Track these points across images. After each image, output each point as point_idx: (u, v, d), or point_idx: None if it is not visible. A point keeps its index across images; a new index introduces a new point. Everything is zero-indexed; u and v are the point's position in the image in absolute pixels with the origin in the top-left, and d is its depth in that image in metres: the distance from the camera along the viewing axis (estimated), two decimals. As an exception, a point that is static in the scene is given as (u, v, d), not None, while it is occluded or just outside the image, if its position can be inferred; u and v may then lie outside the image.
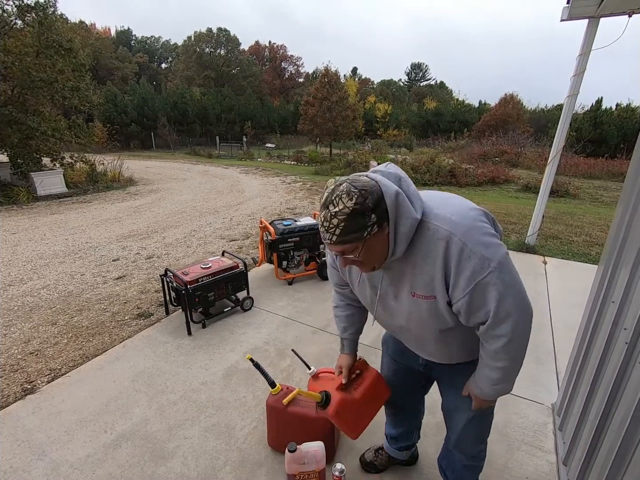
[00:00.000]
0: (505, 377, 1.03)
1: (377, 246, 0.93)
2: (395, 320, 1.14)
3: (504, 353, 0.98)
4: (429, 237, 0.93)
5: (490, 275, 0.89)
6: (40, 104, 8.95)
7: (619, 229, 1.52)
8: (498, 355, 0.99)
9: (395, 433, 1.63)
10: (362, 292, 1.18)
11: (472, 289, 0.90)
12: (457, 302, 0.94)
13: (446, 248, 0.90)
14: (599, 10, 3.47)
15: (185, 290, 2.70)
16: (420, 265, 0.96)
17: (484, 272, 0.89)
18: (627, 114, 20.67)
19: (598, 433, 1.34)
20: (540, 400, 2.14)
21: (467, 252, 0.89)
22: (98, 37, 35.93)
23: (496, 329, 0.95)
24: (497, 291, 0.90)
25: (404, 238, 0.92)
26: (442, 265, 0.92)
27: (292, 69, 48.57)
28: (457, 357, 1.19)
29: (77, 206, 7.84)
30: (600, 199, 9.70)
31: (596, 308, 1.64)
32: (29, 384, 2.30)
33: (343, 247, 0.91)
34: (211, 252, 4.72)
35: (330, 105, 19.06)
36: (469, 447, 1.34)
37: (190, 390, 2.23)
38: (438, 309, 0.99)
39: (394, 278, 1.04)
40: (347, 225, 0.86)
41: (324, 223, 0.89)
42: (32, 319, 3.10)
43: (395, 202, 0.89)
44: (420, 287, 0.99)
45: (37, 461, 1.75)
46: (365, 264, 0.98)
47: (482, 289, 0.90)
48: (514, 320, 0.92)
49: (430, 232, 0.93)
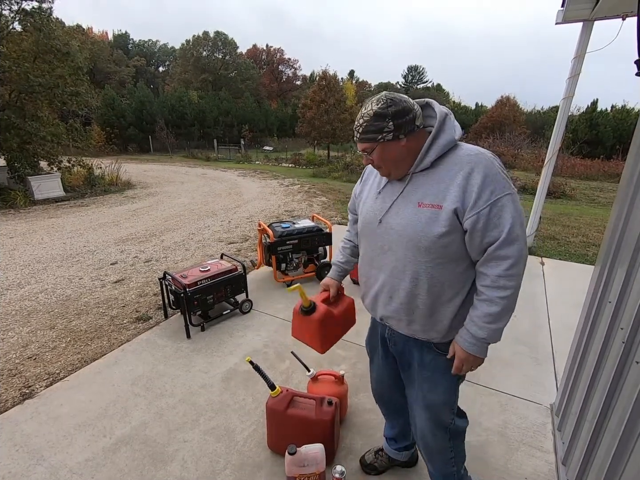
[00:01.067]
0: (502, 313, 1.05)
1: (390, 153, 1.07)
2: (386, 237, 1.15)
3: (507, 278, 1.02)
4: (459, 154, 1.05)
5: (507, 197, 1.00)
6: (38, 108, 8.95)
7: (615, 229, 1.53)
8: (500, 282, 1.02)
9: (393, 434, 1.65)
10: (369, 207, 1.23)
11: (492, 203, 0.99)
12: (478, 212, 0.99)
13: (474, 164, 1.01)
14: (593, 14, 3.51)
15: (184, 294, 2.70)
16: (441, 176, 1.05)
17: (503, 192, 1.00)
18: (622, 116, 20.87)
19: (596, 433, 1.35)
20: (538, 400, 2.15)
21: (493, 173, 1.01)
22: (94, 40, 35.93)
23: (505, 248, 1.00)
24: (510, 213, 1.00)
25: (437, 150, 1.05)
26: (465, 176, 1.01)
27: (290, 72, 48.76)
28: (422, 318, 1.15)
29: (74, 210, 7.83)
30: (596, 199, 9.76)
31: (593, 308, 1.65)
32: (27, 388, 2.28)
33: (364, 145, 1.08)
34: (210, 255, 4.72)
35: (328, 108, 19.13)
36: (434, 454, 1.35)
37: (190, 393, 2.22)
38: (437, 218, 1.03)
39: (409, 191, 1.11)
40: (367, 125, 1.03)
41: (355, 123, 1.08)
42: (30, 323, 3.09)
43: (443, 119, 1.07)
44: (431, 195, 1.05)
45: (35, 466, 1.74)
46: (382, 167, 1.12)
47: (500, 208, 0.99)
48: (520, 244, 1.01)
49: (462, 151, 1.06)
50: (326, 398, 1.72)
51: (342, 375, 1.96)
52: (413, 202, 1.08)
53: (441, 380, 1.23)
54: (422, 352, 1.23)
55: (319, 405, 1.68)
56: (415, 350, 1.25)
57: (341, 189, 10.11)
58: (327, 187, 10.46)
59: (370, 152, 1.08)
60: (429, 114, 1.12)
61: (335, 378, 1.96)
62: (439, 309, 1.13)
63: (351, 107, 21.27)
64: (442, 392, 1.23)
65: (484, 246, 1.03)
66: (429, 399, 1.25)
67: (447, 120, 1.07)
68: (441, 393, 1.23)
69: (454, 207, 1.01)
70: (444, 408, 1.26)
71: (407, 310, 1.16)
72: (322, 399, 1.71)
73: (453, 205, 1.01)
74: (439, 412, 1.26)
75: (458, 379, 1.25)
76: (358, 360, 2.51)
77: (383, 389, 1.54)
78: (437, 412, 1.26)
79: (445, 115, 1.07)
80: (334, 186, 10.79)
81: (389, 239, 1.14)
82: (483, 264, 1.06)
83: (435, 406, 1.25)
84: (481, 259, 1.06)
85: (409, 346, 1.27)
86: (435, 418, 1.27)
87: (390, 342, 1.34)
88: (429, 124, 1.11)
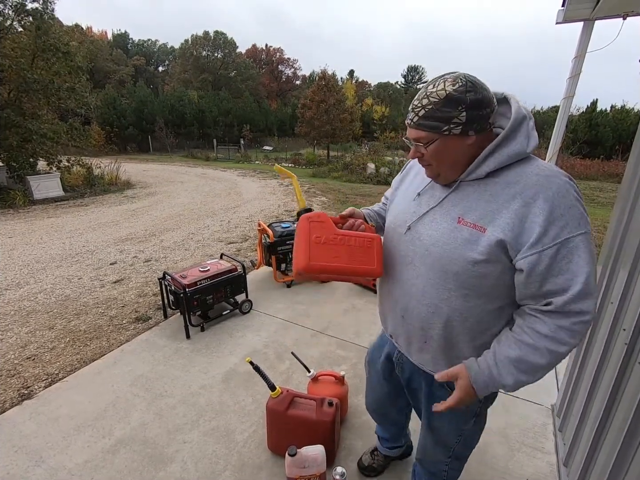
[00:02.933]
0: (541, 369, 0.84)
1: (450, 151, 0.85)
2: (410, 248, 0.98)
3: (570, 333, 0.80)
4: (526, 171, 0.83)
5: (582, 237, 0.78)
6: (36, 107, 8.93)
7: (617, 229, 1.53)
8: (561, 334, 0.80)
9: (385, 436, 1.66)
10: (402, 208, 1.05)
11: (561, 243, 0.77)
12: (541, 252, 0.78)
13: (542, 189, 0.79)
14: (594, 13, 3.49)
15: (184, 294, 2.69)
16: (494, 193, 0.84)
17: (577, 231, 0.78)
18: (622, 116, 20.86)
19: (598, 434, 1.34)
20: (540, 401, 2.14)
21: (566, 205, 0.78)
22: (94, 40, 35.89)
23: (579, 303, 0.78)
24: (585, 259, 0.77)
25: (499, 159, 0.84)
26: (526, 202, 0.79)
27: (290, 71, 48.77)
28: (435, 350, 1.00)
29: (74, 210, 7.81)
30: (596, 199, 9.75)
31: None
32: (26, 389, 2.27)
33: (419, 133, 0.85)
34: (209, 255, 4.71)
35: (328, 108, 19.12)
36: (427, 462, 1.29)
37: (189, 394, 2.21)
38: (477, 242, 0.84)
39: (452, 201, 0.91)
40: (434, 108, 0.80)
41: (414, 102, 0.84)
42: (29, 324, 3.08)
43: (520, 122, 0.85)
44: (476, 214, 0.85)
45: (34, 467, 1.73)
46: (432, 166, 0.90)
47: (570, 250, 0.77)
48: (595, 299, 0.80)
49: (531, 168, 0.83)
50: (326, 399, 1.71)
51: (342, 376, 1.96)
52: (452, 216, 0.89)
53: (451, 413, 1.01)
54: (430, 386, 1.09)
55: (320, 406, 1.67)
56: (424, 383, 1.11)
57: (341, 189, 10.11)
58: (326, 187, 10.46)
59: (426, 144, 0.85)
60: (501, 112, 0.91)
61: (335, 379, 1.95)
62: (456, 345, 0.96)
63: (351, 107, 21.27)
64: (449, 421, 1.11)
65: (543, 293, 0.82)
66: (434, 426, 1.16)
67: (523, 125, 0.85)
68: (447, 422, 1.12)
69: (500, 237, 0.81)
70: (450, 434, 1.15)
71: (419, 337, 1.01)
72: (323, 399, 1.71)
73: (500, 234, 0.81)
74: (444, 436, 1.16)
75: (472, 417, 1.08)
76: (358, 360, 2.50)
77: (377, 403, 1.51)
78: (442, 435, 1.16)
79: (523, 118, 0.86)
80: (333, 186, 10.79)
81: (414, 251, 0.96)
82: (542, 313, 0.84)
83: (441, 432, 1.15)
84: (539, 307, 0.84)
85: (417, 376, 1.14)
86: (438, 439, 1.18)
87: (397, 367, 1.22)
88: (500, 124, 0.90)
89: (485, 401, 1.08)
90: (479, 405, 1.08)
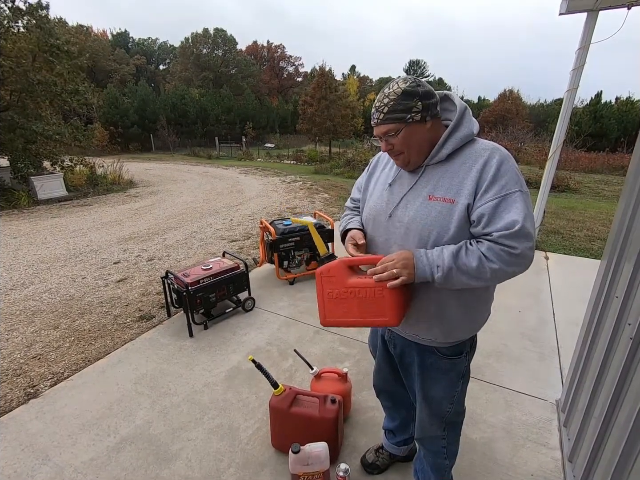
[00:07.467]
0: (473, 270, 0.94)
1: (415, 137, 1.02)
2: (392, 231, 1.10)
3: (498, 256, 0.92)
4: (475, 148, 1.03)
5: (519, 194, 0.95)
6: (39, 107, 8.96)
7: (622, 223, 1.51)
8: (491, 254, 0.93)
9: (392, 426, 1.65)
10: (377, 199, 1.18)
11: (503, 196, 0.95)
12: (486, 203, 0.95)
13: (489, 157, 0.99)
14: (598, 3, 3.44)
15: (187, 292, 2.70)
16: (455, 169, 1.02)
17: (515, 187, 0.96)
18: (626, 108, 20.63)
19: (604, 429, 1.33)
20: (544, 396, 2.13)
21: (506, 166, 0.98)
22: (95, 39, 35.90)
23: (510, 240, 0.91)
24: (522, 209, 0.94)
25: (454, 142, 1.03)
26: (479, 170, 0.98)
27: (291, 68, 48.53)
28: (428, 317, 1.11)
29: (77, 209, 7.85)
30: (601, 193, 9.67)
31: (599, 303, 1.63)
32: (32, 388, 2.30)
33: (387, 127, 1.01)
34: (212, 253, 4.72)
35: (328, 104, 19.05)
36: (426, 441, 1.35)
37: (193, 392, 2.22)
38: (450, 213, 0.99)
39: (421, 184, 1.07)
40: (395, 104, 0.98)
41: (376, 104, 1.02)
42: (34, 323, 3.10)
43: (463, 112, 1.06)
44: (443, 189, 1.02)
45: (41, 465, 1.75)
46: (403, 154, 1.05)
47: (511, 201, 0.95)
48: (529, 246, 0.93)
49: (478, 145, 1.04)
50: (329, 396, 1.71)
51: (345, 373, 1.96)
52: (423, 195, 1.04)
53: (442, 378, 1.21)
54: (422, 355, 1.21)
55: (323, 403, 1.68)
56: (416, 354, 1.23)
57: (343, 186, 10.08)
58: (329, 184, 10.43)
59: (395, 134, 1.01)
60: (446, 107, 1.11)
61: (338, 376, 1.95)
62: (445, 308, 1.09)
63: (351, 103, 21.15)
64: (442, 388, 1.22)
65: (487, 232, 0.96)
66: (430, 395, 1.24)
67: (466, 114, 1.06)
68: (441, 389, 1.22)
69: (468, 202, 0.97)
70: (443, 401, 1.25)
71: (412, 309, 1.13)
72: (326, 397, 1.71)
73: (466, 200, 0.97)
74: (437, 405, 1.26)
75: (460, 378, 1.22)
76: (362, 357, 2.50)
77: (384, 382, 1.53)
78: (436, 404, 1.26)
79: (465, 108, 1.06)
80: (336, 182, 10.76)
81: (394, 233, 1.10)
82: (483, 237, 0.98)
83: (435, 400, 1.25)
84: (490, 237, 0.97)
85: (409, 349, 1.25)
86: (433, 409, 1.27)
87: (390, 344, 1.33)
88: (446, 117, 1.09)
89: (467, 356, 1.20)
90: (465, 364, 1.21)
